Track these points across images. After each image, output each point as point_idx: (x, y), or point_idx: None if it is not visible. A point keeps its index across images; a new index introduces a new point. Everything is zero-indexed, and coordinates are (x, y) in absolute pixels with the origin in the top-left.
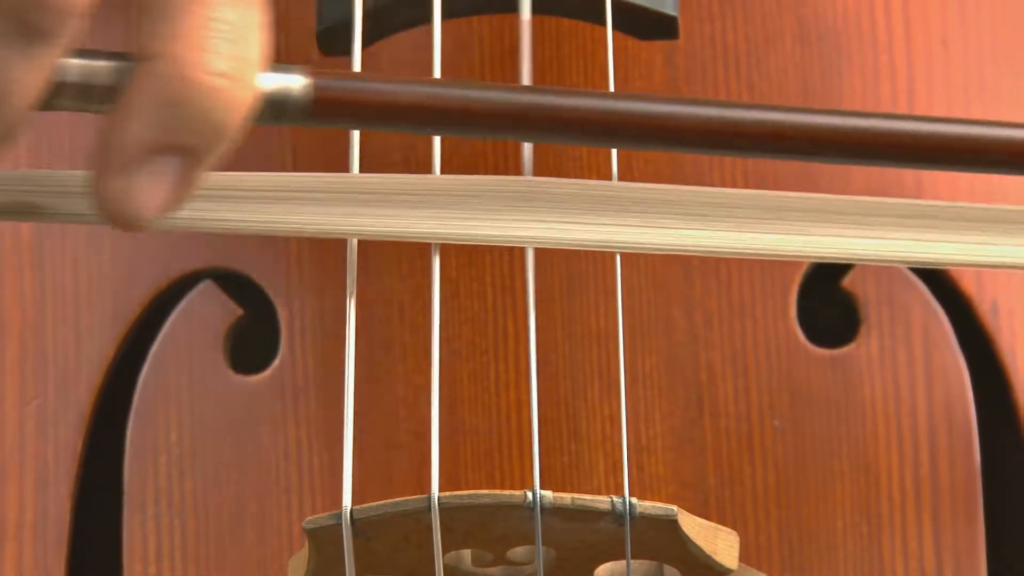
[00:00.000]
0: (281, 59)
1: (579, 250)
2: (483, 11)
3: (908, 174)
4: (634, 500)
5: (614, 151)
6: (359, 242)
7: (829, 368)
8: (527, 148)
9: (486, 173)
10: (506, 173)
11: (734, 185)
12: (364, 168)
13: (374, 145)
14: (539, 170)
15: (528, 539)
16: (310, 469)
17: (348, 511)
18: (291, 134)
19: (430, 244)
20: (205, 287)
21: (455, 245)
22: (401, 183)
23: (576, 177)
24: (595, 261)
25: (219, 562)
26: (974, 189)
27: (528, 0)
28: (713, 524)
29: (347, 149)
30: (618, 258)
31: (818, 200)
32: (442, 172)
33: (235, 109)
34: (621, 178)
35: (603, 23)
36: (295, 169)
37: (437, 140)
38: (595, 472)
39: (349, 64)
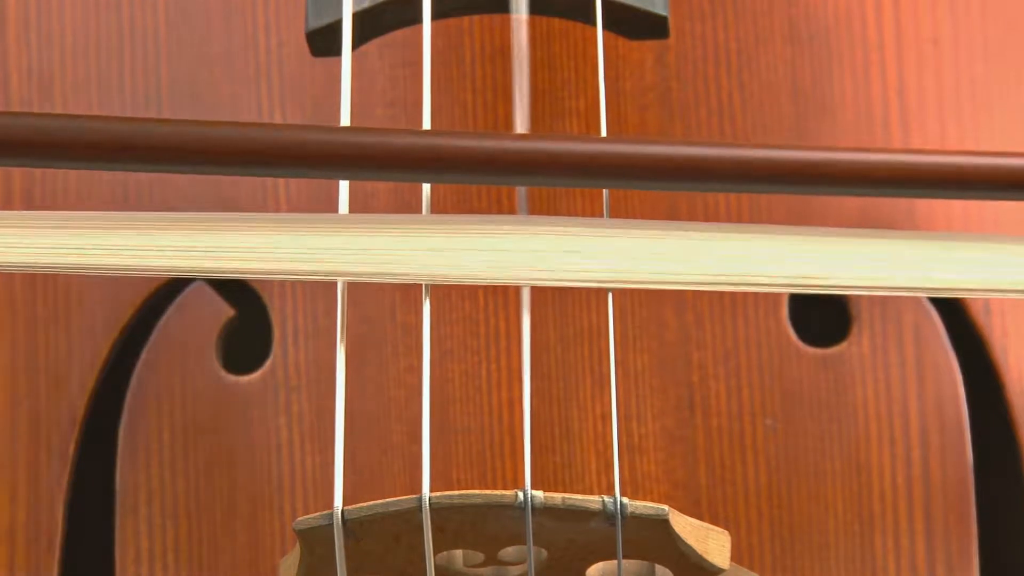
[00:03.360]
0: (273, 61)
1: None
2: (473, 11)
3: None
4: (625, 500)
5: None
6: None
7: (821, 367)
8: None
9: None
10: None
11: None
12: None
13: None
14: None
15: (519, 539)
16: (302, 469)
17: (339, 511)
18: None
19: None
20: (197, 288)
21: None
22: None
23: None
24: None
25: (211, 563)
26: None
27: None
28: (705, 524)
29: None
30: None
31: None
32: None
33: None
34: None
35: (593, 23)
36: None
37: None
38: (587, 471)
39: (339, 66)
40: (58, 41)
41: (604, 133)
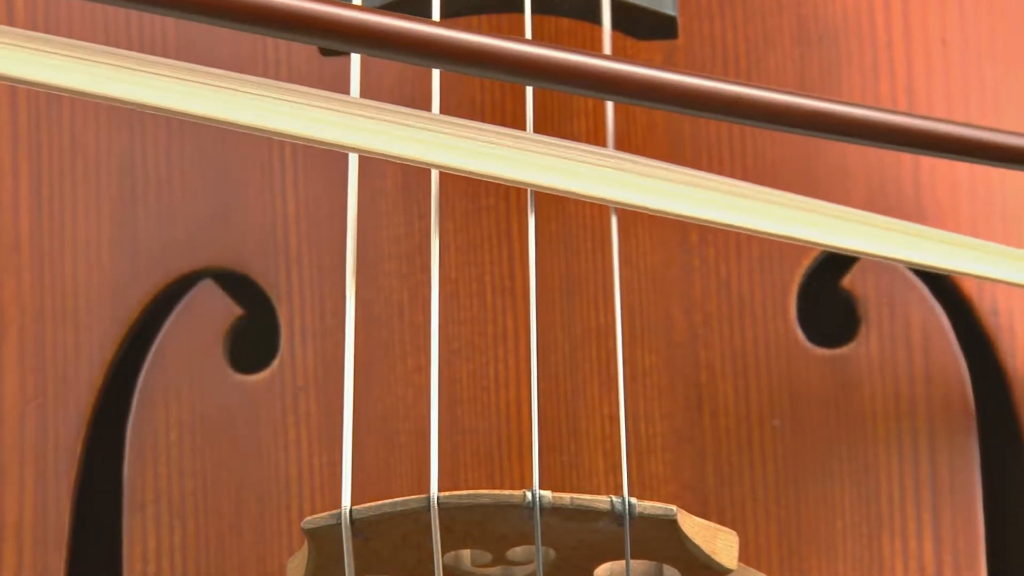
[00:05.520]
0: (282, 62)
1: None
2: (482, 11)
3: (907, 179)
4: (633, 500)
5: (610, 125)
6: (358, 241)
7: (829, 368)
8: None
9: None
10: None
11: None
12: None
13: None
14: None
15: (527, 539)
16: (309, 468)
17: (347, 511)
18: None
19: (428, 245)
20: (205, 286)
21: (455, 245)
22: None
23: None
24: (595, 260)
25: (218, 561)
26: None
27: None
28: (712, 524)
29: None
30: (616, 257)
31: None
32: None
33: None
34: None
35: (601, 23)
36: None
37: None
38: (594, 471)
39: (349, 65)
40: None
41: (611, 131)
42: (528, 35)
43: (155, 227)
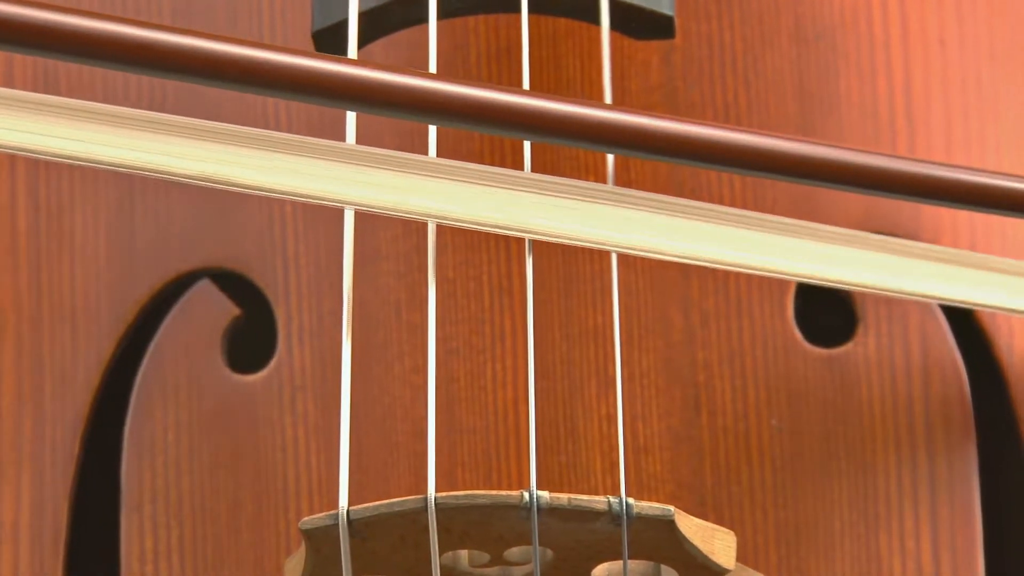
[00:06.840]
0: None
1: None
2: (478, 11)
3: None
4: (631, 500)
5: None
6: (355, 241)
7: (827, 367)
8: (527, 147)
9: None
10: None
11: (732, 196)
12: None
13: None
14: (536, 168)
15: (525, 539)
16: (307, 469)
17: (345, 511)
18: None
19: (425, 245)
20: (203, 286)
21: (453, 245)
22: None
23: (573, 175)
24: (592, 261)
25: (216, 562)
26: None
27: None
28: (710, 524)
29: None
30: (614, 258)
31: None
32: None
33: None
34: (618, 176)
35: (599, 23)
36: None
37: (434, 136)
38: (592, 472)
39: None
40: None
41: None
42: (525, 35)
43: (152, 227)
